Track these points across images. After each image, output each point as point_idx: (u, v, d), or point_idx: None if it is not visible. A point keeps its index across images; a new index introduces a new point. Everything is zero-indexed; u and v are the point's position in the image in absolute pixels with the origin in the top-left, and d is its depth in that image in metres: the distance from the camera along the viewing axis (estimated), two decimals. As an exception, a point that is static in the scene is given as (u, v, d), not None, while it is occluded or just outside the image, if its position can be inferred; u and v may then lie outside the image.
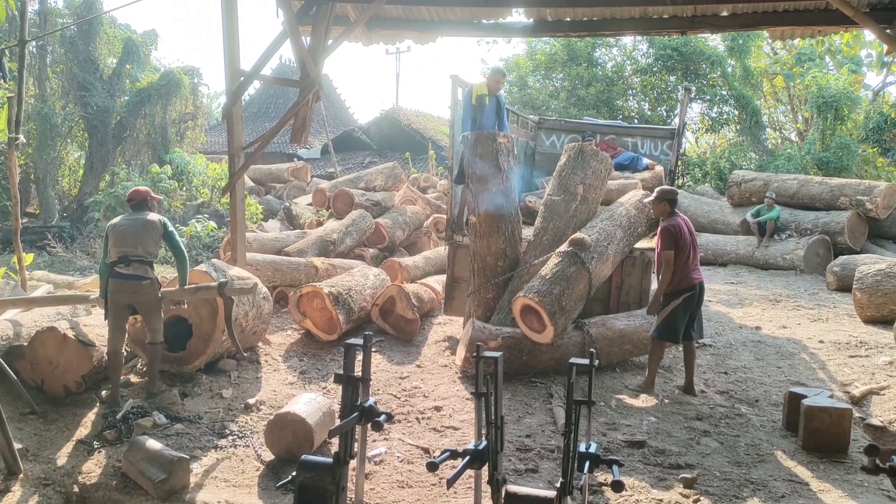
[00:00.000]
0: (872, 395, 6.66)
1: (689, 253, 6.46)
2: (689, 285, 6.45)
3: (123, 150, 20.00)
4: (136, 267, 5.92)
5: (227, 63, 7.72)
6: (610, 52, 26.09)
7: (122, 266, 5.91)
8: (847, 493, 4.78)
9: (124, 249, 5.92)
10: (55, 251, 13.90)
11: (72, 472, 4.89)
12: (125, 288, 5.92)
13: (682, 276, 6.43)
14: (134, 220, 6.12)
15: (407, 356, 7.69)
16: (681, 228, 6.45)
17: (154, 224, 6.11)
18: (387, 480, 4.93)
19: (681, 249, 6.40)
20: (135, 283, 5.93)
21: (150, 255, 6.00)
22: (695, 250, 6.57)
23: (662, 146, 11.02)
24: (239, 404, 6.10)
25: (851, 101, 20.99)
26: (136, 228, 6.03)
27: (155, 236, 6.09)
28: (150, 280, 5.99)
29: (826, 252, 13.68)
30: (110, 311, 5.97)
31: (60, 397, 5.92)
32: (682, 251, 6.41)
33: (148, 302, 6.02)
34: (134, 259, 5.92)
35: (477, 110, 8.43)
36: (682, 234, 6.42)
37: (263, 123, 27.65)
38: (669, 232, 6.42)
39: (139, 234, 6.00)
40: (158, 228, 6.12)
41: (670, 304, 6.45)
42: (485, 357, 3.33)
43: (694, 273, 6.49)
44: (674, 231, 6.42)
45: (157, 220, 6.17)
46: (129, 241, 5.96)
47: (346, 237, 11.18)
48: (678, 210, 6.80)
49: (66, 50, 19.59)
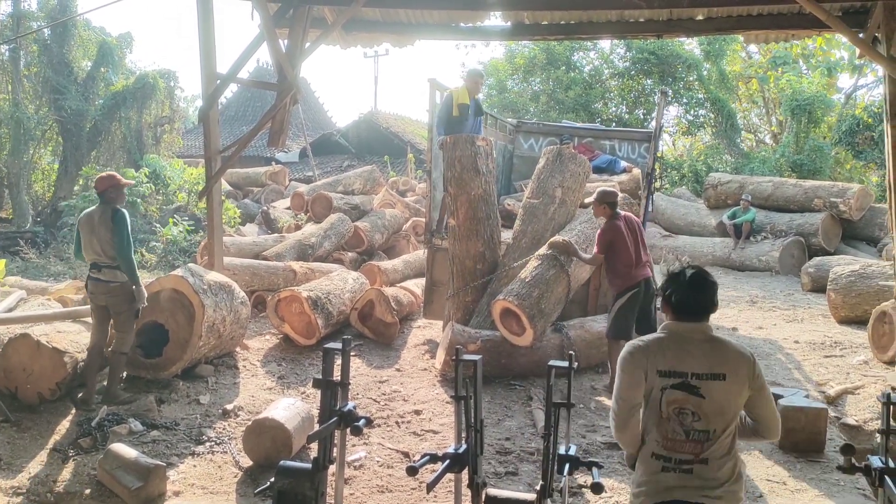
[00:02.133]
0: (847, 394, 6.73)
1: (631, 253, 6.55)
2: (634, 283, 6.55)
3: (98, 155, 19.78)
4: (106, 272, 5.92)
5: (203, 66, 7.65)
6: (588, 55, 26.23)
7: (95, 271, 5.95)
8: (823, 492, 4.83)
9: (92, 256, 5.94)
10: (28, 257, 13.70)
11: (46, 481, 4.81)
12: (98, 289, 5.97)
13: (625, 275, 6.54)
14: (91, 218, 5.97)
15: (386, 360, 7.67)
16: (618, 231, 6.53)
17: (106, 221, 5.89)
18: (367, 485, 4.90)
19: (619, 251, 6.49)
20: (104, 285, 5.94)
21: (114, 260, 5.91)
22: (638, 248, 6.66)
23: (640, 149, 11.09)
24: (217, 410, 6.04)
25: (825, 104, 21.28)
26: (94, 230, 5.92)
27: (109, 235, 5.89)
28: (119, 284, 5.93)
29: (801, 253, 13.84)
30: (91, 310, 6.08)
31: (34, 405, 5.81)
32: (622, 252, 6.51)
33: (117, 305, 5.96)
34: (104, 265, 5.92)
35: (459, 122, 8.40)
36: (618, 237, 6.50)
37: (241, 127, 27.47)
38: (605, 235, 6.54)
39: (99, 238, 5.90)
40: (109, 224, 5.88)
41: (616, 303, 6.59)
42: (464, 360, 3.33)
43: (637, 270, 6.59)
44: (609, 235, 6.52)
45: (109, 213, 5.92)
46: (92, 247, 5.93)
47: (325, 241, 11.13)
48: (620, 211, 6.88)
49: (39, 53, 19.36)
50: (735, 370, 2.76)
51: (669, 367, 2.75)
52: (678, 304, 2.85)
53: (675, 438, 2.75)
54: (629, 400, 2.80)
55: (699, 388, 2.72)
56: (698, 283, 2.86)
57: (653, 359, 2.77)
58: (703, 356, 2.76)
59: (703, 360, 2.75)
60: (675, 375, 2.74)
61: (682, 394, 2.73)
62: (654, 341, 2.84)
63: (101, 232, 5.89)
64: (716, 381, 2.72)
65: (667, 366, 2.75)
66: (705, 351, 2.77)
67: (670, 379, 2.74)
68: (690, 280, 2.85)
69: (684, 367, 2.74)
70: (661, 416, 2.76)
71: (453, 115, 8.45)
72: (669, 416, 2.75)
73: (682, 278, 2.86)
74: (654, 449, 2.79)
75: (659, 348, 2.80)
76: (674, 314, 2.87)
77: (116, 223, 5.87)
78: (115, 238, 5.87)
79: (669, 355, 2.77)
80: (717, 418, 2.72)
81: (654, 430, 2.79)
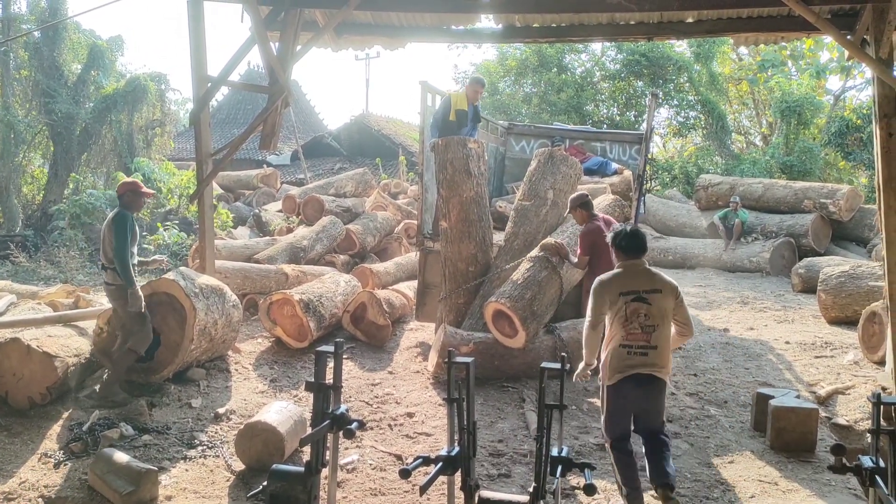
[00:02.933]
0: (838, 394, 6.77)
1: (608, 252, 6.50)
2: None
3: (89, 158, 19.67)
4: (109, 274, 6.04)
5: (193, 69, 7.63)
6: (579, 58, 26.30)
7: (103, 272, 6.19)
8: (815, 492, 4.85)
9: (101, 258, 6.15)
10: (18, 260, 13.62)
11: (37, 486, 4.79)
12: (105, 290, 6.27)
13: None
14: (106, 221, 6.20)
15: (379, 362, 7.66)
16: (598, 232, 6.48)
17: (109, 223, 6.03)
18: (359, 488, 4.90)
19: (601, 252, 6.34)
20: (106, 287, 6.13)
21: (112, 262, 5.97)
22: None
23: (631, 151, 11.12)
24: (208, 414, 6.02)
25: (814, 105, 21.41)
26: (103, 233, 6.11)
27: (111, 237, 5.99)
28: (116, 286, 5.99)
29: (791, 254, 13.91)
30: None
31: (25, 409, 5.79)
32: (605, 253, 6.40)
33: (119, 307, 6.06)
34: (107, 267, 6.03)
35: (455, 126, 8.41)
36: (599, 238, 6.39)
37: (232, 130, 27.39)
38: (586, 237, 6.52)
39: (105, 240, 6.04)
40: (111, 226, 6.00)
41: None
42: (456, 362, 3.33)
43: None
44: (591, 237, 6.50)
45: (111, 217, 6.09)
46: (102, 248, 6.10)
47: (317, 244, 11.11)
48: (598, 212, 6.87)
49: (29, 56, 19.23)
50: (665, 288, 4.43)
51: (628, 289, 4.39)
52: (626, 248, 4.55)
53: (635, 332, 4.35)
54: (598, 314, 4.47)
55: (647, 299, 4.36)
56: (635, 234, 4.59)
57: (615, 286, 4.43)
58: (646, 279, 4.45)
59: (647, 281, 4.44)
60: (632, 293, 4.38)
61: (637, 303, 4.35)
62: (614, 275, 4.52)
63: (106, 234, 6.03)
64: (656, 294, 4.39)
65: (626, 287, 4.40)
66: (647, 276, 4.48)
67: (630, 295, 4.37)
68: (630, 233, 4.58)
69: (636, 286, 4.40)
70: (626, 320, 4.35)
71: (450, 119, 8.45)
72: (630, 318, 4.35)
73: (625, 232, 4.59)
74: (621, 342, 4.37)
75: (618, 278, 4.49)
76: (623, 256, 4.56)
77: (115, 225, 5.95)
78: (113, 240, 5.94)
79: (626, 281, 4.44)
80: (658, 317, 4.35)
81: (620, 331, 4.38)
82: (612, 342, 4.41)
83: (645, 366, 4.31)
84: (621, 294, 4.37)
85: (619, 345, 4.36)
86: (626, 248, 4.53)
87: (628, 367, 4.32)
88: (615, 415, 4.45)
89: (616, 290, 4.39)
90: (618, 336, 4.38)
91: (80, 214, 14.78)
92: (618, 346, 4.37)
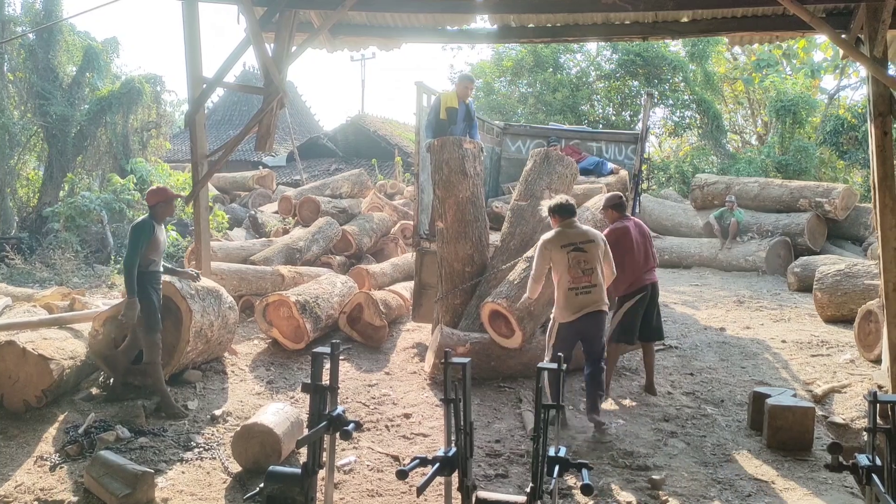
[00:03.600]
0: (834, 393, 6.78)
1: (639, 255, 6.52)
2: (642, 286, 6.53)
3: (84, 160, 19.62)
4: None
5: (188, 70, 7.62)
6: (574, 57, 26.31)
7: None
8: (811, 490, 4.86)
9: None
10: (14, 263, 13.59)
11: (33, 489, 4.77)
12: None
13: (634, 278, 6.50)
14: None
15: (375, 364, 7.65)
16: (624, 232, 6.49)
17: (129, 231, 6.09)
18: (356, 490, 4.89)
19: (626, 251, 6.40)
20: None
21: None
22: (647, 252, 6.63)
23: (626, 150, 11.13)
24: (205, 416, 6.00)
25: (809, 104, 21.45)
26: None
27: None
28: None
29: (787, 253, 13.93)
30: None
31: (21, 412, 5.77)
32: (629, 253, 6.44)
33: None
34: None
35: (446, 125, 8.40)
36: (625, 238, 6.44)
37: (227, 131, 27.36)
38: (610, 235, 6.47)
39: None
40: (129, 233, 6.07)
41: (624, 307, 6.53)
42: (453, 363, 3.33)
43: (646, 274, 6.57)
44: (615, 234, 6.47)
45: (134, 223, 6.16)
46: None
47: (313, 245, 11.10)
48: (628, 214, 6.87)
49: (24, 58, 19.18)
50: (596, 238, 5.79)
51: (568, 241, 5.68)
52: (562, 213, 5.82)
53: (578, 276, 5.63)
54: (541, 270, 5.77)
55: (583, 248, 5.66)
56: (566, 202, 5.87)
57: (557, 242, 5.70)
58: (579, 234, 5.74)
59: (580, 235, 5.74)
60: (571, 244, 5.66)
61: (577, 252, 5.63)
62: (555, 234, 5.76)
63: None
64: (589, 244, 5.69)
65: (566, 241, 5.68)
66: (580, 232, 5.77)
67: (569, 247, 5.65)
68: (562, 203, 5.85)
69: (574, 240, 5.69)
70: (569, 266, 5.62)
71: (441, 118, 8.45)
72: (573, 265, 5.63)
73: (559, 202, 5.85)
74: (569, 286, 5.64)
75: (558, 236, 5.74)
76: (560, 219, 5.82)
77: (133, 232, 5.96)
78: (127, 246, 6.02)
79: (565, 238, 5.71)
80: (593, 262, 5.67)
81: (566, 276, 5.64)
82: (561, 287, 5.67)
83: (592, 304, 5.63)
84: (563, 247, 5.65)
85: (568, 288, 5.62)
86: (562, 213, 5.80)
87: (580, 308, 5.61)
88: (562, 343, 5.70)
89: (558, 244, 5.66)
90: (564, 280, 5.63)
91: (74, 217, 14.75)
92: (567, 290, 5.62)
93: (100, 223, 15.07)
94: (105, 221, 15.07)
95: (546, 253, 5.68)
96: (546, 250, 5.69)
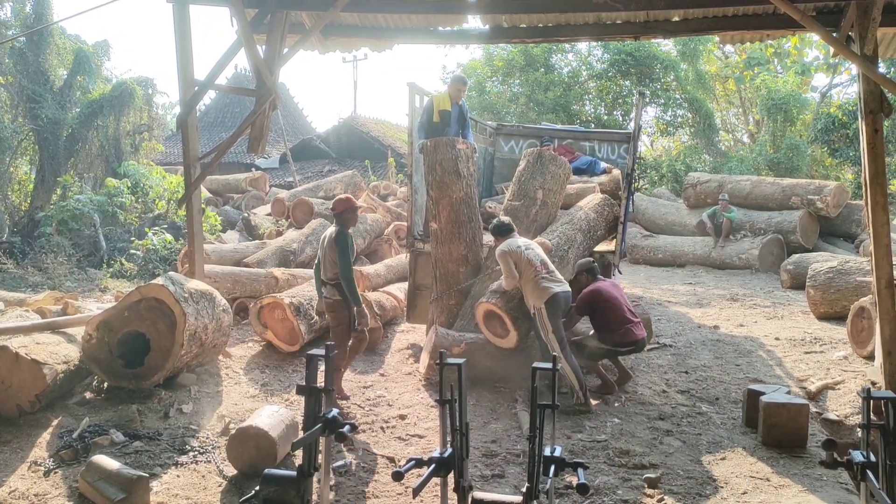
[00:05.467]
0: (828, 389, 6.81)
1: (622, 306, 6.67)
2: (632, 340, 6.62)
3: (76, 163, 19.55)
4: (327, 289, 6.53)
5: (180, 73, 7.60)
6: (566, 57, 26.36)
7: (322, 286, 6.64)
8: (807, 487, 4.87)
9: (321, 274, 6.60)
10: (6, 267, 13.52)
11: (27, 494, 4.75)
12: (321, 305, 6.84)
13: (623, 332, 6.57)
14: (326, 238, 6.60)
15: (370, 365, 7.64)
16: (596, 291, 6.70)
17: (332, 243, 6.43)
18: (352, 491, 4.89)
19: (605, 307, 6.62)
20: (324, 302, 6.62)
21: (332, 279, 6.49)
22: (628, 306, 6.79)
23: (619, 150, 11.16)
24: (200, 419, 5.99)
25: (800, 103, 21.53)
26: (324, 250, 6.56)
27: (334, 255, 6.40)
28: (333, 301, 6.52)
29: (780, 251, 13.99)
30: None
31: (14, 417, 5.74)
32: (608, 306, 6.63)
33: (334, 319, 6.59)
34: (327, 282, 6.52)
35: (440, 128, 8.39)
36: (598, 295, 6.67)
37: (220, 133, 27.33)
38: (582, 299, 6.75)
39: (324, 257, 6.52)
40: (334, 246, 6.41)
41: (602, 345, 6.63)
42: (448, 364, 3.32)
43: (636, 329, 6.65)
44: (588, 298, 6.70)
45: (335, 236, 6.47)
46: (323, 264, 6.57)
47: (307, 246, 11.10)
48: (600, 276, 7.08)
49: (14, 62, 19.08)
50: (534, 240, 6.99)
51: (521, 246, 6.55)
52: (504, 231, 6.75)
53: (538, 267, 6.43)
54: (512, 272, 6.48)
55: (531, 247, 6.65)
56: (503, 222, 6.83)
57: (515, 249, 6.53)
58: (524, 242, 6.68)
59: (525, 241, 6.71)
60: (524, 247, 6.56)
61: (529, 251, 6.54)
62: (506, 244, 6.60)
63: (328, 252, 6.39)
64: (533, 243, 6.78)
65: (519, 247, 6.54)
66: (523, 239, 6.75)
67: (523, 248, 6.53)
68: (501, 222, 6.85)
69: (523, 244, 6.60)
70: (530, 263, 6.45)
71: (434, 122, 8.44)
72: (532, 261, 6.46)
73: (499, 222, 6.84)
74: (535, 277, 6.41)
75: (515, 246, 6.57)
76: (506, 234, 6.72)
77: (338, 243, 6.28)
78: (338, 259, 6.27)
79: (518, 245, 6.57)
80: (541, 254, 6.64)
81: (531, 270, 6.42)
82: (532, 282, 6.42)
83: (557, 284, 6.41)
84: (519, 251, 6.51)
85: (537, 279, 6.40)
86: (505, 231, 6.72)
87: (551, 287, 6.36)
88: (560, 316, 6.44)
89: (516, 251, 6.51)
90: (530, 273, 6.43)
91: (67, 220, 14.69)
92: (537, 280, 6.40)
93: (92, 227, 15.02)
94: (97, 225, 15.01)
95: (507, 258, 6.50)
96: (511, 258, 6.49)
